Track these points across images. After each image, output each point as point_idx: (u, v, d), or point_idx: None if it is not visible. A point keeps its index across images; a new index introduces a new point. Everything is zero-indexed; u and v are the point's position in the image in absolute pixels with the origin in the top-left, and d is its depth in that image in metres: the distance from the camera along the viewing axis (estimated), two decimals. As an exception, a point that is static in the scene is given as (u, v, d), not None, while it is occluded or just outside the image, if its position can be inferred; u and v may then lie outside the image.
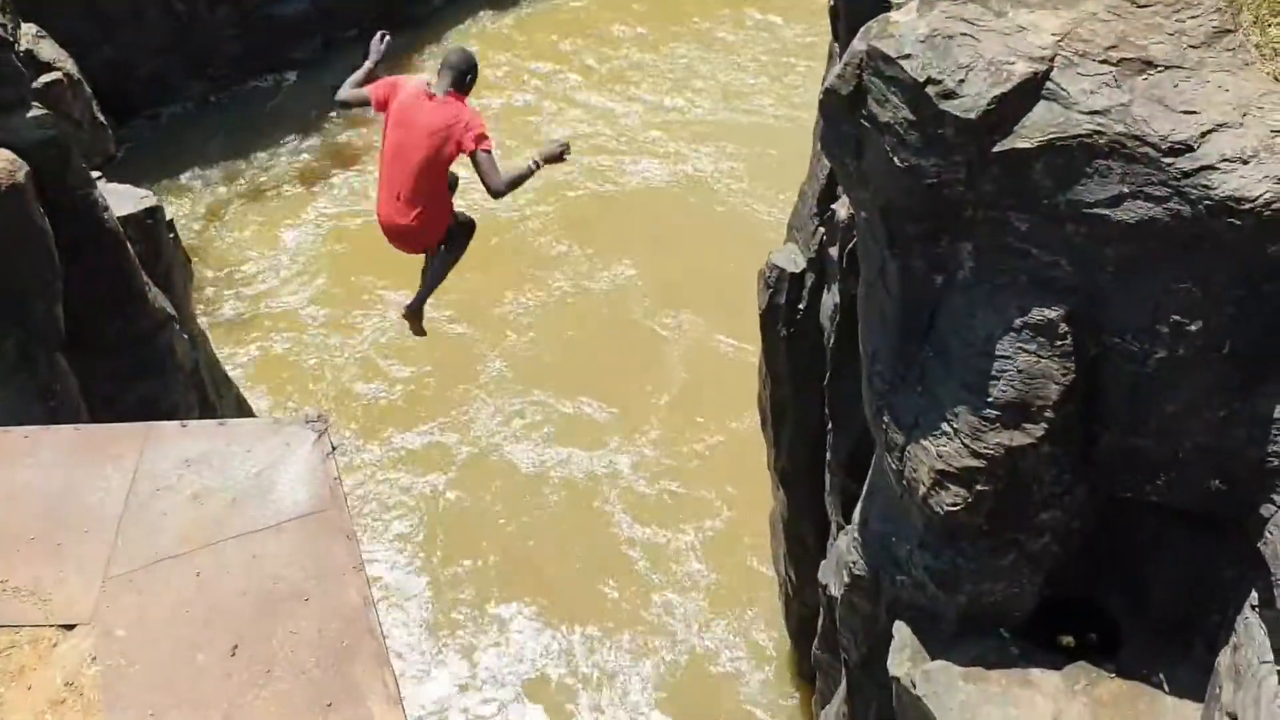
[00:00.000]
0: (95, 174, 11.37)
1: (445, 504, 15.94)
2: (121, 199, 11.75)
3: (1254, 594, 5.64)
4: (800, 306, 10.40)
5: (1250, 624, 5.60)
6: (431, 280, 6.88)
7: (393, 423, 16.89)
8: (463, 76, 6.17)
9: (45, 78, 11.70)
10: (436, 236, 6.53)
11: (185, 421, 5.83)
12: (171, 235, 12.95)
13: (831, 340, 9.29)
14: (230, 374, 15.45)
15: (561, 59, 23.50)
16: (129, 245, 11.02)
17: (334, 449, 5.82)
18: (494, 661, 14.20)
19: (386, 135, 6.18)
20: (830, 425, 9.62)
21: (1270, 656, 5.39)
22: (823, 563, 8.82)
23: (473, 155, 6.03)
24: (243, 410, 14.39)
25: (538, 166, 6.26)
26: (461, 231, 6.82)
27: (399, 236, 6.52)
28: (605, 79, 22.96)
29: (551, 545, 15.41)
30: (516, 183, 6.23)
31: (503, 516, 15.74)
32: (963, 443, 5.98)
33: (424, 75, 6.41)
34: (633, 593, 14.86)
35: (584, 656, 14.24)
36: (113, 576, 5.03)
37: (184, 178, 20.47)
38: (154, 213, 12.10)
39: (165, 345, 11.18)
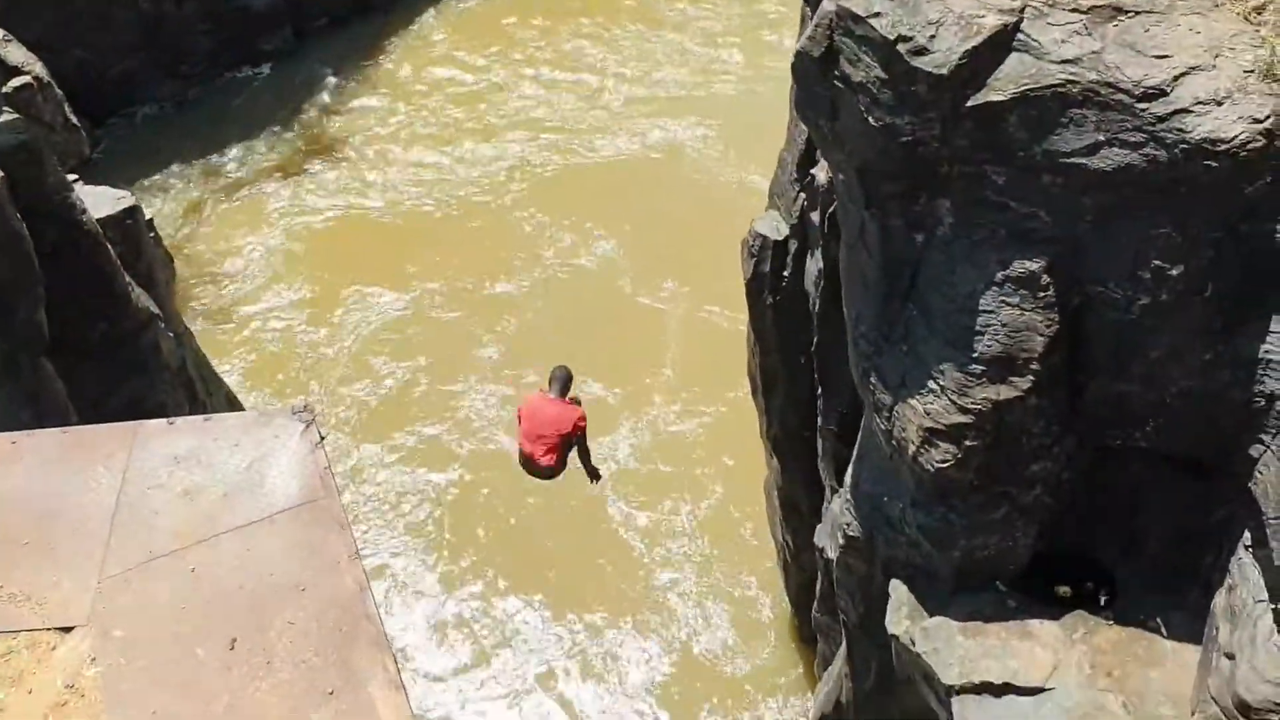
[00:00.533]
0: (72, 176, 11.29)
1: (446, 500, 15.91)
2: (99, 200, 11.68)
3: (1246, 535, 5.68)
4: (785, 274, 10.39)
5: (1244, 564, 5.63)
6: (588, 462, 9.44)
7: (389, 421, 16.83)
8: (565, 387, 9.05)
9: (14, 82, 11.61)
10: (560, 470, 9.15)
11: (172, 419, 5.80)
12: (151, 235, 12.88)
13: (817, 306, 9.28)
14: (220, 373, 15.43)
15: (528, 37, 23.47)
16: (109, 247, 10.95)
17: (322, 439, 5.81)
18: (503, 654, 14.23)
19: (522, 423, 9.05)
20: (820, 391, 9.63)
21: (1265, 595, 5.43)
22: (818, 527, 8.87)
23: (575, 436, 8.98)
24: (233, 407, 14.36)
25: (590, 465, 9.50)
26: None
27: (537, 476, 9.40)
28: (571, 55, 22.92)
29: (552, 534, 15.43)
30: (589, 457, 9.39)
31: (503, 508, 15.73)
32: (950, 400, 6.00)
33: (540, 393, 9.20)
34: (635, 576, 14.91)
35: (590, 643, 14.28)
36: (108, 577, 5.02)
37: (161, 176, 20.34)
38: (133, 213, 12.03)
39: (150, 344, 11.14)
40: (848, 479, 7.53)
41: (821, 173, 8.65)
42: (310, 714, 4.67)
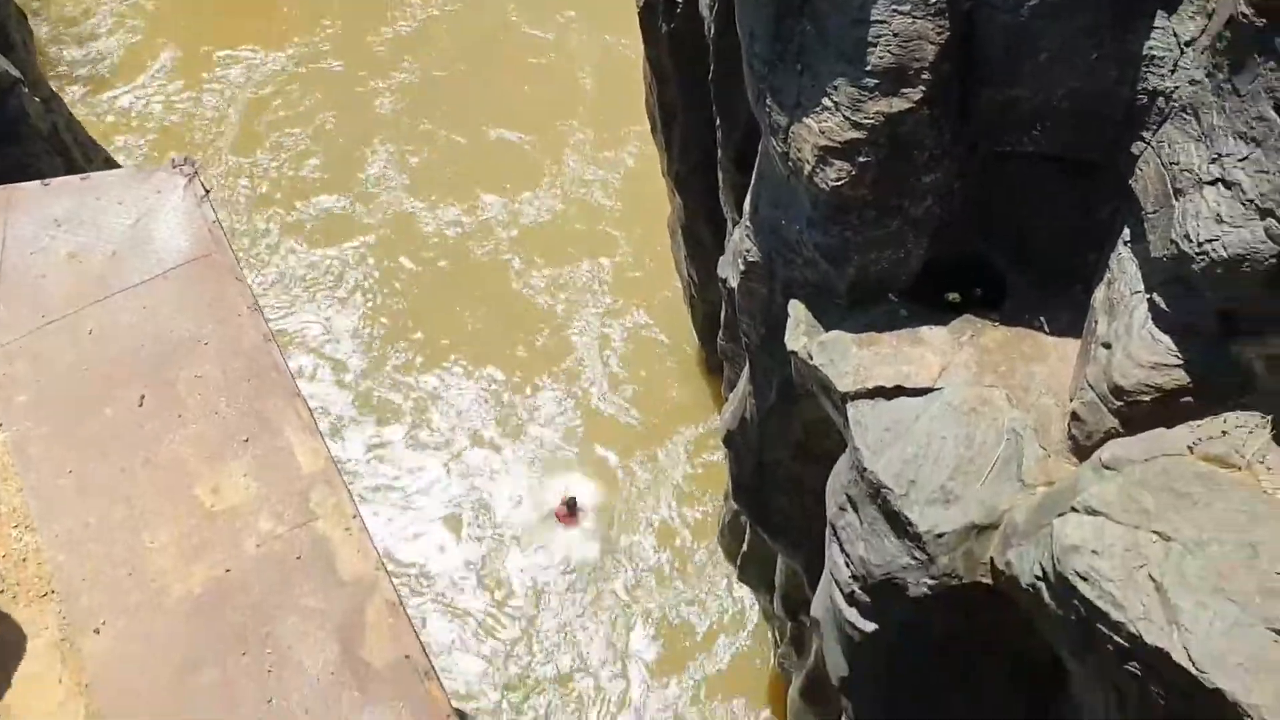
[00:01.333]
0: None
1: (356, 273, 15.74)
2: (-71, -45, 10.73)
3: (1126, 231, 5.89)
4: (679, 0, 10.06)
5: (1123, 259, 5.86)
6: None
7: (289, 191, 16.31)
8: (573, 510, 13.45)
9: None
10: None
11: (47, 180, 5.57)
12: (-3, -11, 11.92)
13: (712, 31, 9.05)
14: (99, 142, 14.71)
15: None
16: (-50, 6, 10.14)
17: (207, 192, 5.65)
18: (431, 419, 14.50)
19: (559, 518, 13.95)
20: (718, 121, 9.54)
21: (1141, 286, 5.69)
22: (721, 258, 8.99)
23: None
24: (116, 174, 13.76)
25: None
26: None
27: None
28: None
29: (467, 299, 15.45)
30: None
31: (414, 278, 15.65)
32: (844, 116, 5.99)
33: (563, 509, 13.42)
34: (547, 332, 15.12)
35: (510, 402, 14.61)
36: (1, 345, 4.94)
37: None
38: (-29, -34, 11.09)
39: (16, 110, 10.49)
40: (746, 206, 7.58)
41: (710, -115, 8.25)
42: (229, 462, 4.77)
